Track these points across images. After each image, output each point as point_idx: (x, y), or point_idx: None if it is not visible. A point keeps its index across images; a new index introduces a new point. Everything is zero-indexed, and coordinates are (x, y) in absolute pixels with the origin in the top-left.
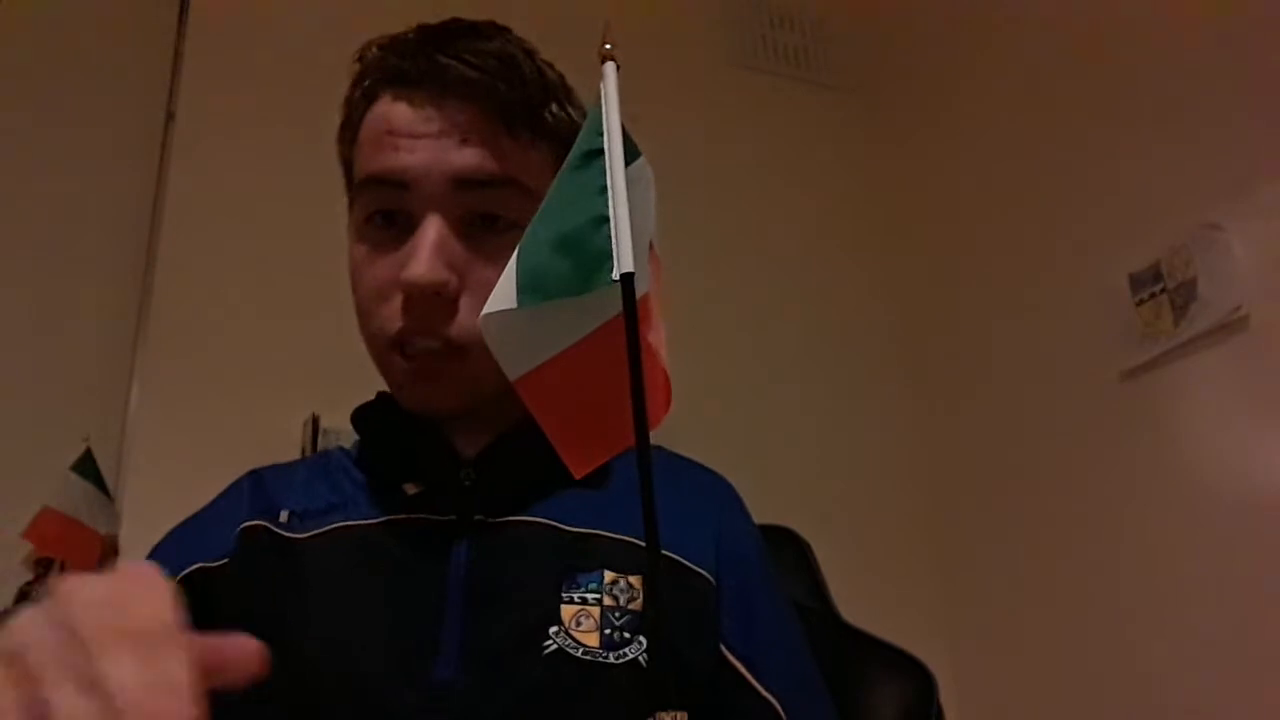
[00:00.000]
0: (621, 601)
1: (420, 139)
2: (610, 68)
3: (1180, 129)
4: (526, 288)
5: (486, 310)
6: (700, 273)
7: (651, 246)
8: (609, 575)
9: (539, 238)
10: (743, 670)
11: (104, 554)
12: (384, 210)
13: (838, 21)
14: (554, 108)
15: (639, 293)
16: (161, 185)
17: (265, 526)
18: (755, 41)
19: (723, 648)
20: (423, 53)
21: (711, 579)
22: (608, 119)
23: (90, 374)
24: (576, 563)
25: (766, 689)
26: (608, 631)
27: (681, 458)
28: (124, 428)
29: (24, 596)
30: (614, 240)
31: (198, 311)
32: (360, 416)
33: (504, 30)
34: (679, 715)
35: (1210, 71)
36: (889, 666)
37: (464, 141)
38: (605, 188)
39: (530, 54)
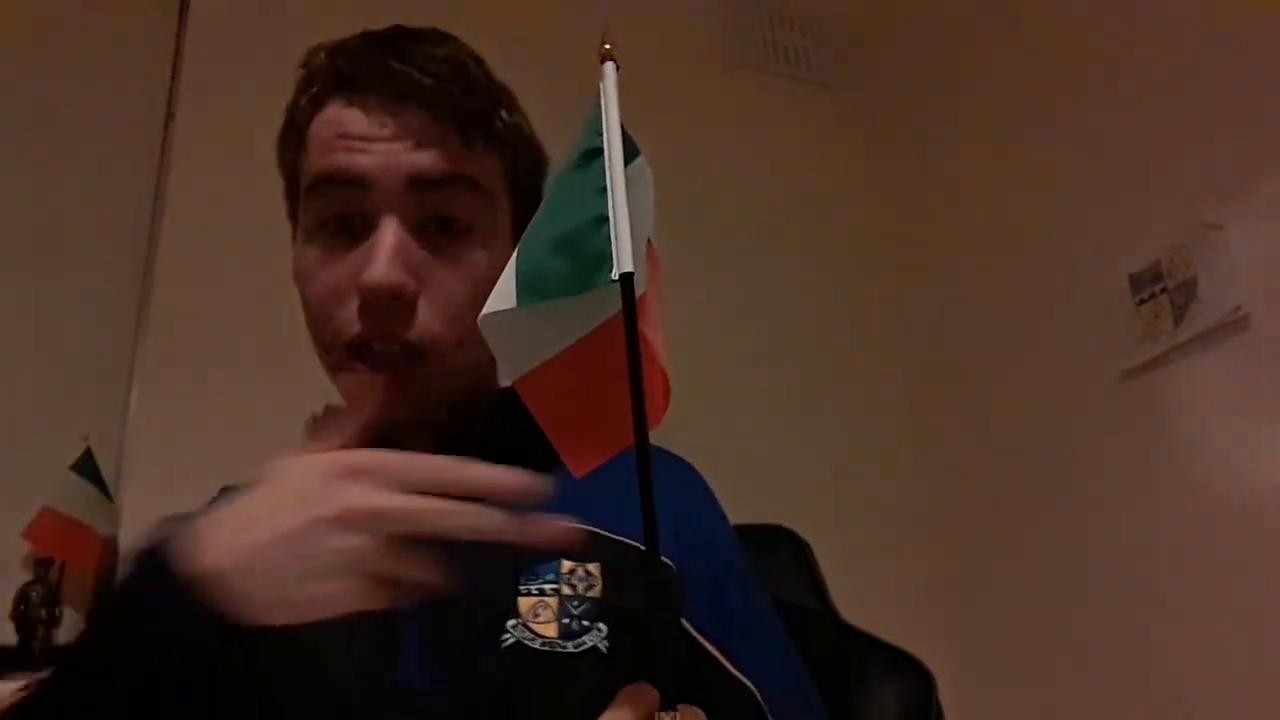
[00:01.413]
0: (580, 590)
1: (375, 142)
2: (610, 68)
3: (1180, 129)
4: (526, 287)
5: (486, 309)
6: (699, 272)
7: (649, 245)
8: (566, 565)
9: (539, 237)
10: (716, 655)
11: (104, 554)
12: (338, 214)
13: (838, 21)
14: (504, 114)
15: (638, 292)
16: (161, 185)
17: None
18: (755, 41)
19: (694, 632)
20: (374, 58)
21: (672, 565)
22: (607, 119)
23: (90, 374)
24: (533, 554)
25: (742, 673)
26: (565, 621)
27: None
28: (124, 428)
29: (24, 597)
30: (613, 240)
31: (198, 311)
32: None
33: (450, 37)
34: (677, 715)
35: (1210, 71)
36: (889, 666)
37: (419, 145)
38: (605, 188)
39: (479, 61)
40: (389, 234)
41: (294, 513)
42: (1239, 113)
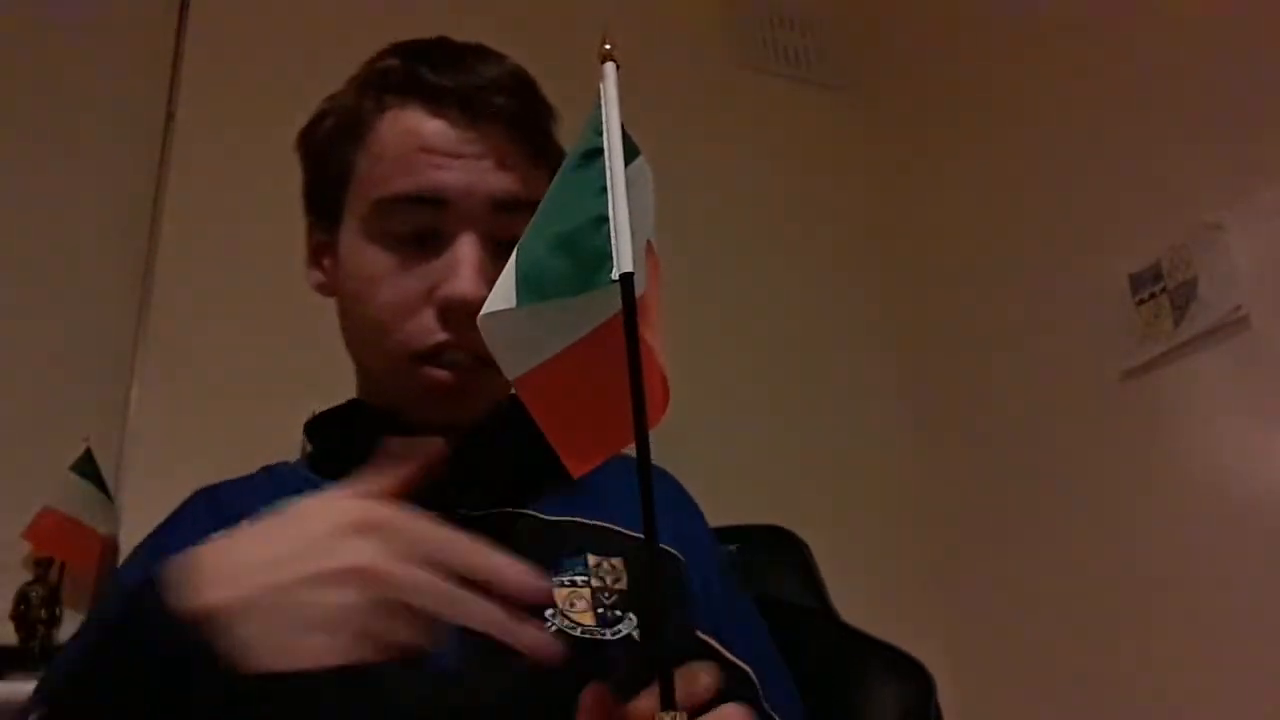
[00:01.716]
0: (608, 582)
1: (459, 159)
2: (610, 68)
3: (1180, 129)
4: (526, 287)
5: (486, 310)
6: (699, 272)
7: (649, 246)
8: (592, 559)
9: (539, 237)
10: (713, 642)
11: (104, 554)
12: (418, 229)
13: (838, 21)
14: (554, 125)
15: (637, 292)
16: (161, 185)
17: None
18: (756, 42)
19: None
20: (455, 70)
21: (681, 557)
22: (607, 119)
23: (90, 374)
24: (559, 548)
25: (739, 659)
26: (600, 610)
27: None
28: (124, 428)
29: (24, 597)
30: (613, 240)
31: (198, 312)
32: (322, 424)
33: (504, 55)
34: (679, 715)
35: (1210, 71)
36: (888, 666)
37: (500, 165)
38: (605, 188)
39: (533, 80)
40: (470, 248)
41: (301, 560)
42: (1239, 113)
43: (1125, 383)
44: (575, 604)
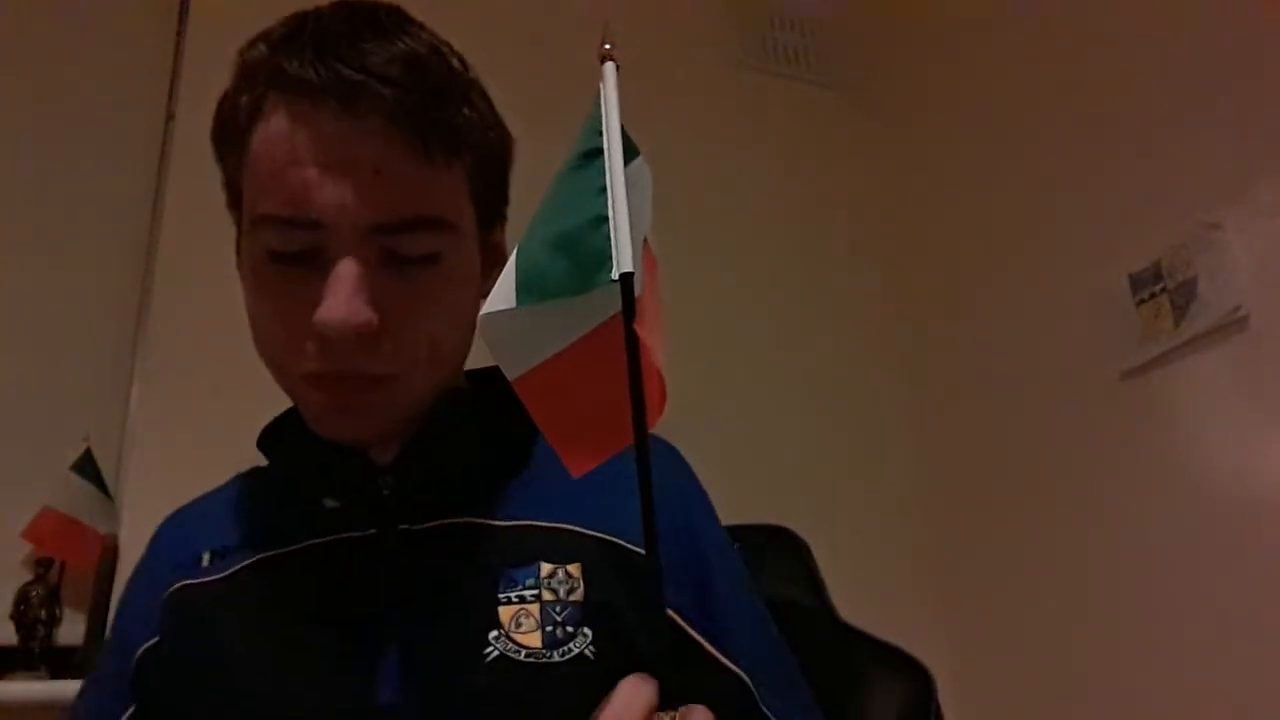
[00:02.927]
0: (561, 594)
1: (329, 171)
2: (610, 68)
3: (1180, 129)
4: (525, 287)
5: (486, 309)
6: (699, 272)
7: (647, 245)
8: (545, 568)
9: (538, 237)
10: (706, 644)
11: (104, 554)
12: (298, 249)
13: (838, 22)
14: (465, 111)
15: (637, 293)
16: (161, 185)
17: (185, 584)
18: (755, 41)
19: (677, 618)
20: (322, 59)
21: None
22: (607, 119)
23: (90, 374)
24: (510, 558)
25: (733, 663)
26: (549, 629)
27: None
28: (124, 428)
29: (24, 597)
30: (613, 240)
31: (198, 311)
32: (269, 438)
33: (405, 19)
34: (676, 715)
35: (1210, 71)
36: (888, 666)
37: (377, 173)
38: (604, 188)
39: (436, 50)
40: (347, 269)
41: None
42: (1239, 113)
43: (1125, 383)
44: (521, 623)
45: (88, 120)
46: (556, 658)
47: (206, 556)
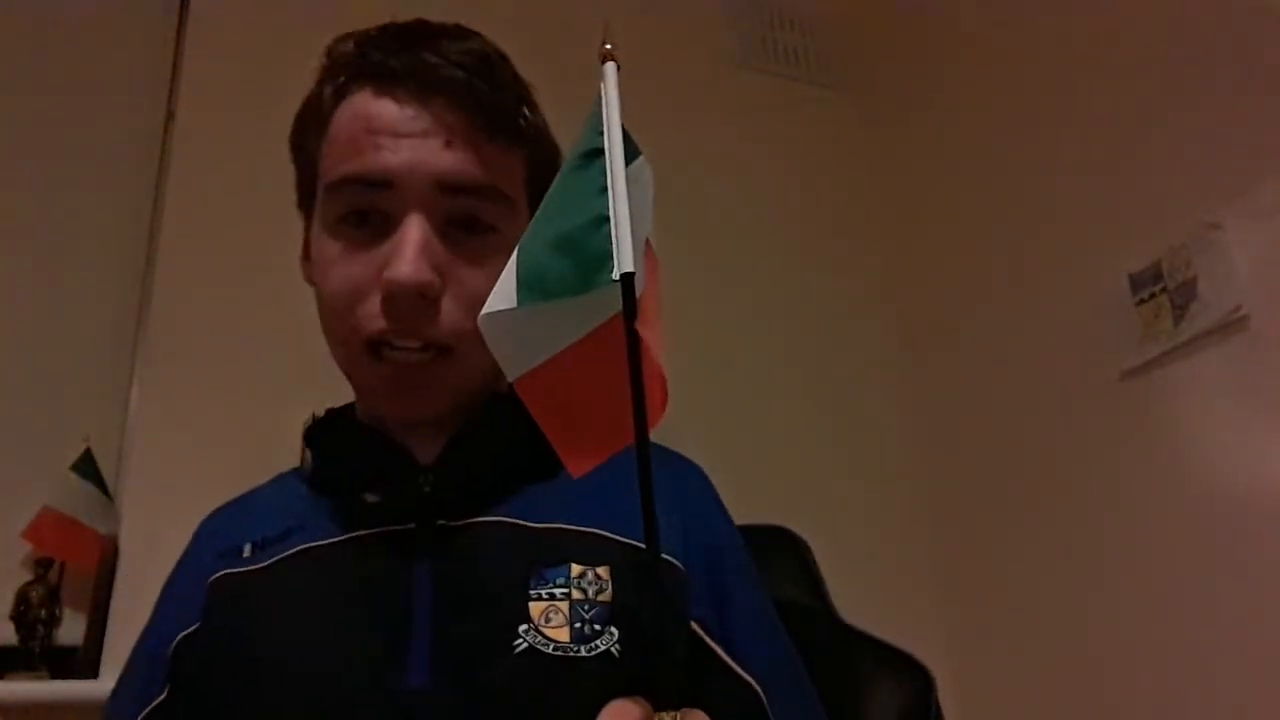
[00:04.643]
0: (590, 594)
1: (404, 138)
2: (610, 68)
3: (1180, 129)
4: (526, 287)
5: (486, 309)
6: (699, 272)
7: (648, 245)
8: (576, 568)
9: (539, 237)
10: (720, 652)
11: (104, 554)
12: (360, 210)
13: (838, 21)
14: (526, 113)
15: (637, 292)
16: (161, 185)
17: (227, 574)
18: (755, 41)
19: (698, 629)
20: (405, 49)
21: (680, 566)
22: (608, 119)
23: (90, 374)
24: (542, 558)
25: (746, 671)
26: (578, 625)
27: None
28: (124, 428)
29: (24, 597)
30: (614, 240)
31: (198, 311)
32: (313, 432)
33: (474, 32)
34: (679, 715)
35: (1210, 71)
36: (887, 666)
37: (448, 144)
38: (605, 188)
39: (503, 56)
40: (415, 230)
41: None
42: (1239, 113)
43: (1125, 383)
44: (551, 618)
45: (88, 120)
46: (584, 653)
47: (248, 548)
